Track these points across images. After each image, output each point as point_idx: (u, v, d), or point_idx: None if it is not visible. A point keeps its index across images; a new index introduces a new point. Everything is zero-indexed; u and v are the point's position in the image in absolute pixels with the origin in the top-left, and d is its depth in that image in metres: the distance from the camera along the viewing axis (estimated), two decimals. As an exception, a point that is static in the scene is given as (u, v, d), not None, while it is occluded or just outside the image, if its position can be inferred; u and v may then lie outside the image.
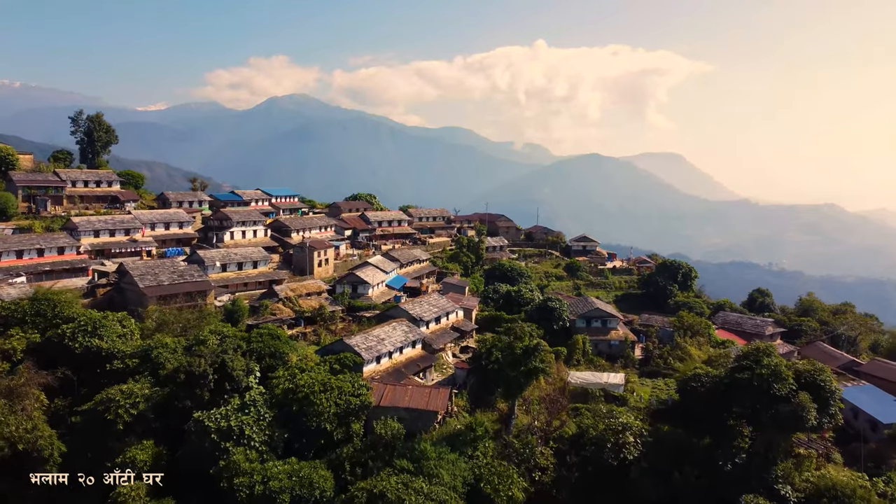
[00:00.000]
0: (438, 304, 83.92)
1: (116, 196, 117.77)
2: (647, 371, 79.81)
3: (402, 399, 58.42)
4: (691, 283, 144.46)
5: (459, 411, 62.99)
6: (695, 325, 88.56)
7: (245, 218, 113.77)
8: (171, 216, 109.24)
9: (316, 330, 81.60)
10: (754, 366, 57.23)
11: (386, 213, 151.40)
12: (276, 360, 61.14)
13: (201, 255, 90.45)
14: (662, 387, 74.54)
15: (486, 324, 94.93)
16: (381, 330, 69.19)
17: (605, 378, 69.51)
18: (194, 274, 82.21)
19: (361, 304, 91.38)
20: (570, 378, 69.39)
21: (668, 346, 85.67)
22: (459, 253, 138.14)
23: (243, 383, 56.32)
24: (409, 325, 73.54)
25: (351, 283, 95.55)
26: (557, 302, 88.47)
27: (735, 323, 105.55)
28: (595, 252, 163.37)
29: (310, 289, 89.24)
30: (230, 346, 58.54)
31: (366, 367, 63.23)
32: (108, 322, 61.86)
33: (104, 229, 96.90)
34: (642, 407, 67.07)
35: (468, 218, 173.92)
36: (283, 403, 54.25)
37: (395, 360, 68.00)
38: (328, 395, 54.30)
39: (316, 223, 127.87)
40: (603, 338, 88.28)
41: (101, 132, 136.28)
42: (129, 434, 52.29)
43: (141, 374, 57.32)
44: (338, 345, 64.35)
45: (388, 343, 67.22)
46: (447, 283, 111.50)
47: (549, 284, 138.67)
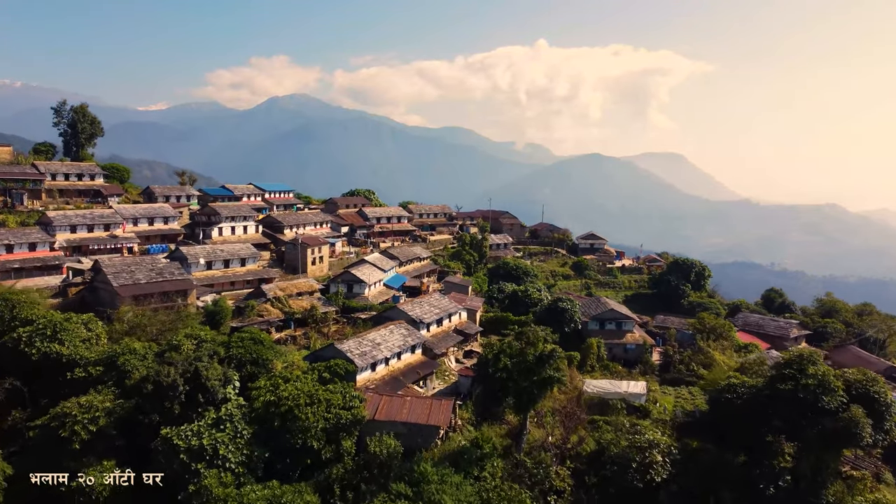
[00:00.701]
0: (440, 304, 77.30)
1: (99, 190, 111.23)
2: (668, 378, 73.00)
3: (399, 412, 51.80)
4: (704, 283, 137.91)
5: (464, 425, 56.33)
6: (717, 328, 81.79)
7: (235, 213, 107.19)
8: (156, 211, 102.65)
9: (307, 333, 75.01)
10: (798, 375, 50.58)
11: (385, 210, 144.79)
12: (259, 368, 54.52)
13: (184, 252, 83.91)
14: (687, 396, 67.79)
15: (491, 326, 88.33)
16: (377, 333, 62.57)
17: (624, 387, 62.81)
18: (174, 272, 75.62)
19: (357, 304, 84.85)
20: (586, 387, 62.70)
21: (688, 351, 78.96)
22: (462, 251, 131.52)
23: (219, 395, 49.68)
24: (408, 327, 66.93)
25: (346, 283, 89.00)
26: (569, 302, 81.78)
27: (756, 325, 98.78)
28: (603, 250, 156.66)
29: (301, 288, 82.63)
30: (206, 352, 51.95)
31: (359, 376, 56.63)
32: (70, 325, 55.32)
33: (81, 224, 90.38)
34: (667, 419, 60.43)
35: (471, 215, 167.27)
36: (263, 418, 47.62)
37: (392, 367, 61.37)
38: (315, 408, 47.66)
39: (311, 219, 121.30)
40: (618, 341, 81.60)
41: (85, 124, 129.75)
42: (89, 453, 45.73)
43: (105, 383, 50.84)
44: (328, 350, 57.73)
45: (385, 348, 60.60)
46: (449, 282, 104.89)
47: (555, 284, 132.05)
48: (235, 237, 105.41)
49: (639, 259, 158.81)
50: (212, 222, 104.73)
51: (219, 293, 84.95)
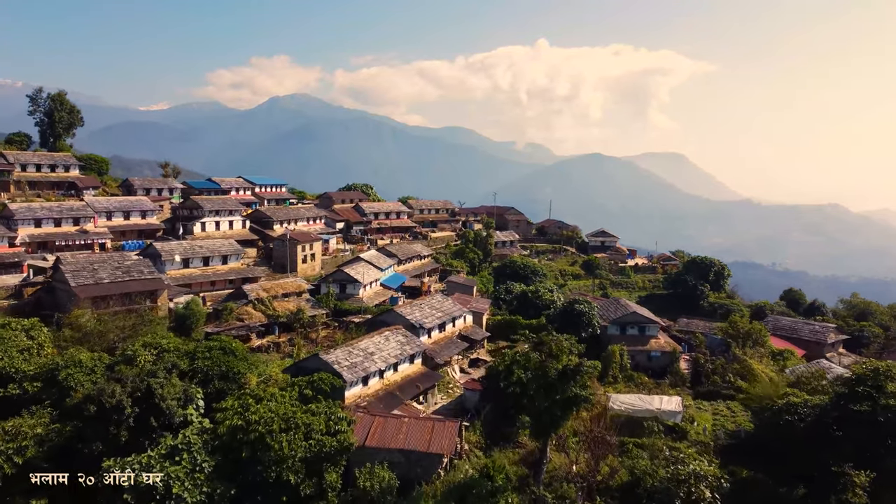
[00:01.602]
0: (443, 307, 68.75)
1: (74, 182, 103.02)
2: (702, 392, 64.23)
3: (395, 437, 43.29)
4: (724, 283, 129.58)
5: (471, 450, 47.80)
6: (752, 333, 73.15)
7: (219, 207, 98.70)
8: (132, 204, 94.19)
9: (293, 339, 66.54)
10: (875, 393, 42.01)
11: (383, 205, 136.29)
12: (229, 384, 45.97)
13: (157, 248, 75.47)
14: (725, 413, 59.17)
15: (498, 330, 79.89)
16: (371, 341, 54.03)
17: (656, 403, 54.22)
18: (144, 270, 67.11)
19: (350, 306, 76.41)
20: (612, 402, 54.15)
21: (721, 359, 70.33)
22: (465, 249, 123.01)
23: (177, 417, 41.17)
24: (407, 334, 58.40)
25: (338, 282, 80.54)
26: (586, 305, 73.17)
27: (789, 329, 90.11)
28: (614, 248, 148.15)
29: (287, 288, 74.14)
30: (164, 365, 43.47)
31: (349, 391, 48.14)
32: (6, 332, 46.94)
33: (47, 218, 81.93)
34: (707, 441, 51.91)
35: (474, 211, 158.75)
36: (229, 447, 39.07)
37: (387, 380, 52.85)
38: (293, 434, 39.13)
39: (303, 214, 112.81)
40: (641, 348, 73.06)
41: (63, 113, 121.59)
42: (13, 491, 37.34)
43: (43, 403, 42.43)
44: (312, 361, 49.23)
45: (379, 358, 52.07)
46: (452, 282, 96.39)
47: (565, 284, 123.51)
48: (220, 233, 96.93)
49: (652, 258, 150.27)
50: (194, 217, 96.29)
51: (197, 294, 76.46)
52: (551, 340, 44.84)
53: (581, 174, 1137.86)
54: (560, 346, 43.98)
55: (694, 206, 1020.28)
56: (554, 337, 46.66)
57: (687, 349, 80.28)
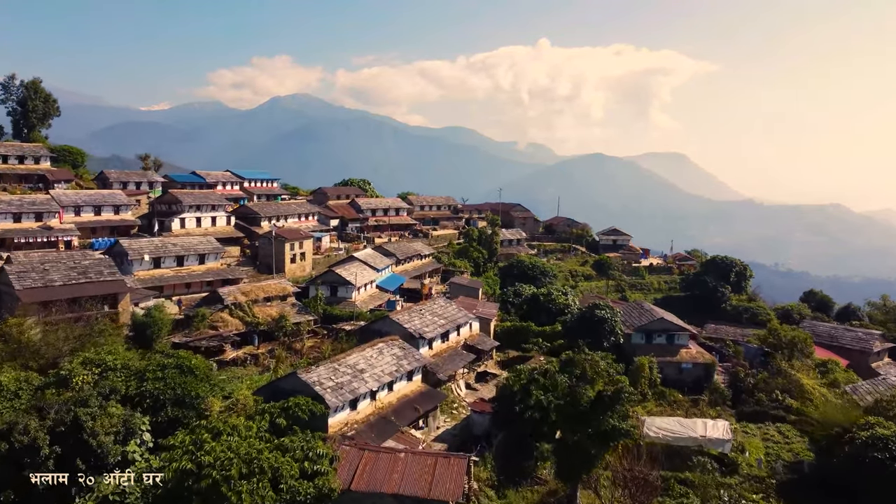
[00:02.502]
0: (445, 313, 60.23)
1: (44, 175, 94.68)
2: (747, 413, 55.41)
3: (388, 478, 34.80)
4: (745, 284, 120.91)
5: (481, 489, 39.30)
6: (797, 342, 64.51)
7: (201, 201, 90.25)
8: (104, 198, 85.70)
9: (274, 350, 58.04)
10: None
11: (381, 201, 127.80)
12: (186, 411, 37.56)
13: (124, 246, 67.07)
14: (777, 438, 50.56)
15: (507, 338, 71.36)
16: (361, 356, 45.54)
17: (700, 429, 45.70)
18: (104, 271, 58.66)
19: (341, 312, 67.95)
20: (647, 428, 45.57)
21: (763, 373, 61.73)
22: (469, 248, 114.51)
23: (112, 456, 32.76)
24: (404, 345, 49.90)
25: (329, 284, 72.11)
26: (608, 310, 64.59)
27: (828, 336, 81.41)
28: (627, 248, 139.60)
29: (270, 292, 65.66)
30: (100, 390, 35.07)
31: (333, 418, 39.66)
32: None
33: (5, 213, 73.52)
34: (762, 476, 43.42)
35: (478, 207, 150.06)
36: (176, 495, 30.68)
37: (380, 401, 44.36)
38: (256, 481, 30.70)
39: (294, 210, 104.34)
40: (670, 359, 64.50)
41: (37, 101, 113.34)
42: None
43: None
44: (289, 381, 40.73)
45: (371, 376, 43.58)
46: (455, 283, 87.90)
47: (577, 285, 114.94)
48: (201, 230, 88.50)
49: (666, 258, 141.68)
50: (172, 212, 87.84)
51: (170, 297, 68.18)
52: (584, 361, 36.43)
53: (583, 174, 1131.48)
54: (595, 368, 35.56)
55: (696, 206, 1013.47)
56: (588, 357, 38.10)
57: (718, 359, 71.71)
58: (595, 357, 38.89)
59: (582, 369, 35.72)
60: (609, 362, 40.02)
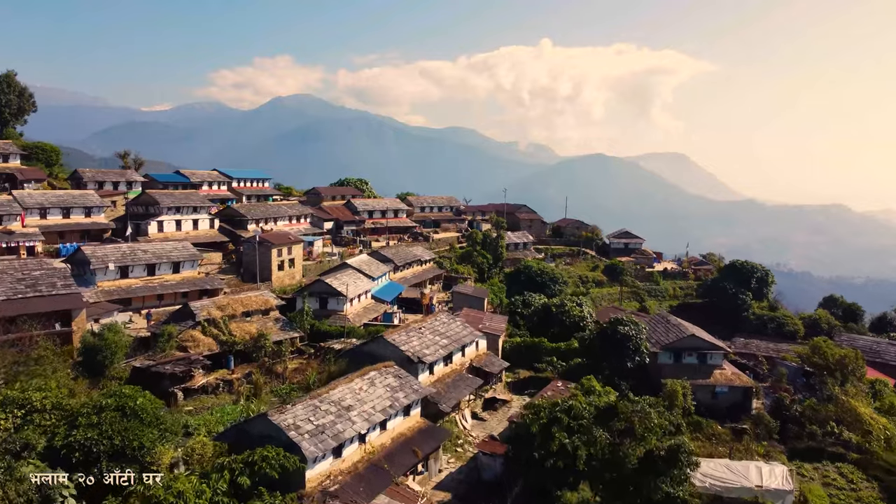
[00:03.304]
0: (449, 331, 52.66)
1: (13, 174, 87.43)
2: (800, 450, 47.65)
3: (377, 557, 27.30)
4: (767, 291, 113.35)
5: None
6: (846, 363, 56.79)
7: (181, 203, 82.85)
8: (73, 199, 78.28)
9: (252, 373, 50.51)
10: None
11: (378, 202, 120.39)
12: (127, 465, 30.01)
13: (86, 253, 59.58)
14: (840, 482, 42.93)
15: (517, 356, 63.92)
16: (348, 388, 38.01)
17: (753, 475, 38.11)
18: (57, 283, 51.17)
19: (331, 327, 60.47)
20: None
21: (810, 399, 54.12)
22: (473, 252, 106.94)
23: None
24: (400, 373, 42.38)
25: (318, 296, 64.61)
26: (633, 326, 56.98)
27: (870, 351, 73.43)
28: (640, 251, 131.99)
29: (250, 305, 58.10)
30: (7, 446, 27.63)
31: (311, 470, 32.15)
32: None
33: (-44, 215, 66.21)
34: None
35: (482, 209, 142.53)
36: None
37: (370, 445, 36.85)
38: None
39: (284, 212, 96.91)
40: (703, 382, 56.89)
41: (11, 96, 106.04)
42: None
43: None
44: (258, 424, 33.22)
45: (360, 415, 36.06)
46: (458, 292, 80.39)
47: (587, 292, 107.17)
48: (181, 233, 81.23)
49: (681, 262, 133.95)
50: (149, 214, 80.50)
51: (139, 311, 60.79)
52: (631, 413, 28.79)
53: (584, 174, 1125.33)
54: (647, 423, 28.04)
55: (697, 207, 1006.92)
56: (634, 405, 30.42)
57: (751, 376, 64.01)
58: (646, 406, 31.30)
59: (628, 423, 28.26)
60: (661, 411, 32.29)
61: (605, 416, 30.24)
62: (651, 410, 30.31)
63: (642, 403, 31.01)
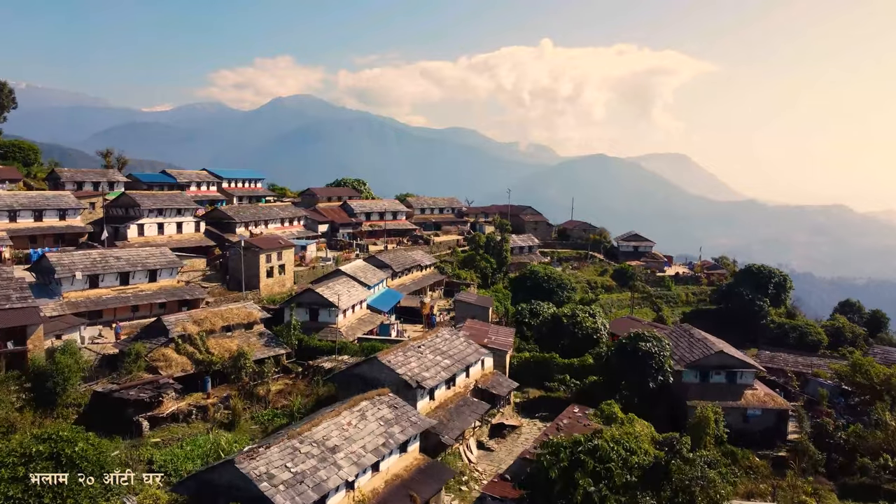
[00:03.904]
0: (451, 349, 47.03)
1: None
2: (851, 487, 42.10)
3: None
4: (785, 297, 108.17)
5: None
6: (893, 382, 51.09)
7: (164, 205, 77.33)
8: (47, 201, 72.73)
9: (230, 397, 44.91)
10: None
11: (376, 203, 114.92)
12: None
13: (51, 261, 53.98)
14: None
15: (526, 372, 58.41)
16: (334, 424, 32.45)
17: (809, 526, 32.66)
18: (12, 296, 45.58)
19: (321, 342, 54.92)
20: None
21: (856, 425, 48.45)
22: (475, 256, 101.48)
23: None
24: (396, 401, 36.79)
25: (308, 307, 59.05)
26: (655, 343, 51.40)
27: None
28: (650, 254, 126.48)
29: (231, 318, 52.49)
30: None
31: (287, 530, 26.49)
32: None
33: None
34: None
35: (485, 210, 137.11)
36: None
37: (360, 492, 31.27)
38: None
39: (276, 214, 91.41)
40: (733, 404, 51.28)
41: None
42: None
43: None
44: (224, 472, 27.66)
45: (347, 458, 30.48)
46: (461, 301, 74.79)
47: (597, 298, 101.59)
48: (164, 237, 75.70)
49: (693, 266, 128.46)
50: (129, 217, 74.96)
51: (110, 324, 55.19)
52: (691, 481, 23.00)
53: (585, 175, 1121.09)
54: (712, 496, 22.28)
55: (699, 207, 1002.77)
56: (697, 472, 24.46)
57: (782, 395, 58.33)
58: (706, 469, 25.30)
59: (685, 492, 22.23)
60: (723, 471, 26.58)
61: (652, 477, 24.66)
62: (714, 474, 24.54)
63: (700, 464, 25.21)
